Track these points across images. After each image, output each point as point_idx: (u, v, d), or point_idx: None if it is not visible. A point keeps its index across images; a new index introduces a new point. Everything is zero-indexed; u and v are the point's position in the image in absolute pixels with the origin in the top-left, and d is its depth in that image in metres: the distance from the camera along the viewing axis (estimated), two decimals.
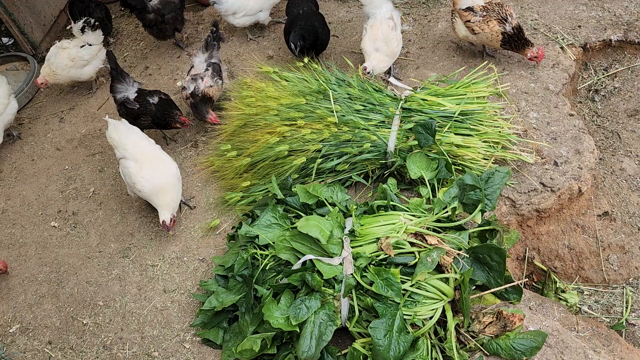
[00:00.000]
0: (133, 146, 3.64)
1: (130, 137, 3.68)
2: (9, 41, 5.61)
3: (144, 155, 3.63)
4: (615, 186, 3.94)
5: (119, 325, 3.34)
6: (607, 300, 3.62)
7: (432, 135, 3.29)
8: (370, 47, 4.05)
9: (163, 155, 3.71)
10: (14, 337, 3.38)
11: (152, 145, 3.73)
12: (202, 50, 4.21)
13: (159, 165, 3.60)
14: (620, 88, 4.49)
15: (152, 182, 3.51)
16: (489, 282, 2.85)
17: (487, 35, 3.97)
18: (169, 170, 3.60)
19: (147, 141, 3.74)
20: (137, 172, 3.55)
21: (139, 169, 3.56)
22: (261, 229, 3.16)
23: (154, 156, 3.66)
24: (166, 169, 3.60)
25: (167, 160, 3.67)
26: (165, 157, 3.69)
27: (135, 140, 3.68)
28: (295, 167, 3.58)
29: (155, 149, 3.72)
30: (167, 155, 3.72)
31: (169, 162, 3.66)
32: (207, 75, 4.10)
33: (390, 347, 2.58)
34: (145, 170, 3.55)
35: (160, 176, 3.54)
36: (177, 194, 3.61)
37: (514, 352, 2.70)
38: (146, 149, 3.68)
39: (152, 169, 3.56)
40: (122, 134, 3.68)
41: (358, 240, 2.93)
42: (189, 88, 4.05)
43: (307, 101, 3.71)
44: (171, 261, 3.58)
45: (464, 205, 3.06)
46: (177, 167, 3.67)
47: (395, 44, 4.09)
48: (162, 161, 3.65)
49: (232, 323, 3.10)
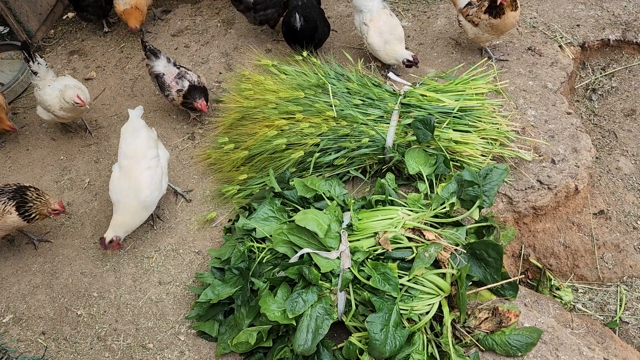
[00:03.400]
0: (126, 152, 3.42)
1: (131, 142, 3.43)
2: (5, 30, 5.54)
3: (130, 168, 3.37)
4: (611, 185, 3.96)
5: (113, 316, 3.32)
6: (602, 298, 3.64)
7: (430, 131, 3.29)
8: (379, 40, 4.04)
9: (149, 177, 3.37)
10: (7, 327, 3.36)
11: (148, 161, 3.41)
12: (152, 58, 4.14)
13: (133, 185, 3.34)
14: (617, 87, 4.51)
15: (116, 196, 3.36)
16: (486, 278, 2.86)
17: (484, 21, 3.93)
18: (138, 196, 3.33)
19: (147, 153, 3.43)
20: (113, 180, 3.40)
21: (117, 178, 3.39)
22: (258, 222, 3.15)
23: (138, 174, 3.36)
24: (138, 192, 3.33)
25: (146, 184, 3.34)
26: (147, 181, 3.35)
27: (134, 148, 3.42)
28: (293, 161, 3.57)
29: (148, 166, 3.40)
30: (155, 179, 3.40)
31: (145, 188, 3.34)
32: (189, 72, 4.11)
33: (387, 342, 2.58)
34: (119, 182, 3.36)
35: (126, 196, 3.33)
36: (135, 220, 3.39)
37: (509, 347, 2.72)
38: (138, 163, 3.38)
39: (126, 184, 3.34)
40: (128, 133, 3.45)
41: (356, 234, 2.92)
42: (183, 87, 4.02)
43: (306, 95, 3.70)
44: (167, 253, 3.57)
45: (462, 201, 3.06)
46: (152, 197, 3.38)
47: (400, 28, 4.09)
48: (140, 183, 3.34)
49: (227, 316, 3.09)
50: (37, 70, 4.04)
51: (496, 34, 4.00)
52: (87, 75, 5.00)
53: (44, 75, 4.09)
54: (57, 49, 5.40)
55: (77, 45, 5.37)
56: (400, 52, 4.02)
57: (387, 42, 4.02)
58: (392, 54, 4.04)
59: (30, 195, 3.39)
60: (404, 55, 4.00)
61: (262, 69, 4.11)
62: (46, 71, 4.11)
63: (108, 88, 4.84)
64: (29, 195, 3.39)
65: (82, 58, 5.21)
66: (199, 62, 4.86)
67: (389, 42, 4.02)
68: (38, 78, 4.07)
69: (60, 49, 5.39)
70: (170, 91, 4.05)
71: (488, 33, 4.00)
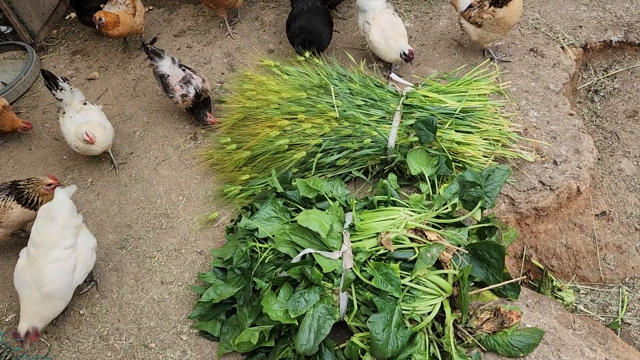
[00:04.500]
0: (34, 240, 3.03)
1: (42, 229, 3.01)
2: (7, 30, 5.56)
3: (36, 257, 2.99)
4: (613, 186, 3.96)
5: (115, 316, 3.32)
6: (603, 299, 3.64)
7: (433, 132, 3.29)
8: (380, 37, 4.05)
9: (56, 269, 2.99)
10: (10, 326, 3.36)
11: (59, 251, 3.02)
12: (156, 59, 4.12)
13: (35, 278, 2.95)
14: (619, 89, 4.51)
15: (19, 287, 3.01)
16: (488, 278, 2.86)
17: (488, 19, 3.92)
18: (41, 290, 2.95)
19: (60, 242, 3.03)
20: (17, 268, 3.06)
21: (21, 267, 3.04)
22: (261, 222, 3.15)
23: (44, 265, 2.97)
24: (40, 285, 2.95)
25: (50, 278, 2.95)
26: (53, 275, 2.96)
27: (44, 237, 3.00)
28: (295, 161, 3.58)
29: (57, 257, 3.00)
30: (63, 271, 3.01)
31: (50, 282, 2.95)
32: (194, 75, 4.11)
33: (389, 342, 2.59)
34: (22, 271, 3.02)
35: (28, 287, 2.96)
36: (47, 310, 3.01)
37: (511, 348, 2.72)
38: (46, 253, 2.99)
39: (29, 275, 2.97)
40: (41, 219, 3.04)
41: (358, 234, 2.93)
42: (188, 92, 4.04)
43: (308, 95, 3.70)
44: (169, 253, 3.57)
45: (464, 202, 3.06)
46: (58, 291, 2.99)
47: (402, 26, 4.10)
48: (44, 276, 2.95)
49: (229, 315, 3.09)
50: (61, 97, 3.78)
51: (502, 30, 3.95)
52: (90, 76, 5.01)
53: (70, 99, 3.82)
54: (60, 49, 5.41)
55: (80, 45, 5.39)
56: (401, 44, 4.01)
57: (388, 38, 4.03)
58: (393, 45, 4.02)
59: (21, 184, 3.46)
60: (402, 48, 4.00)
61: (264, 70, 4.12)
62: (71, 95, 3.81)
63: (110, 88, 4.85)
64: (21, 184, 3.45)
65: (84, 58, 5.22)
66: (202, 62, 4.87)
67: (390, 37, 4.02)
68: (64, 103, 3.83)
69: (63, 49, 5.40)
70: (174, 94, 4.06)
71: (493, 32, 3.97)
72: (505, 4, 3.80)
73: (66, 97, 3.79)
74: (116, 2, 4.71)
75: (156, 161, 4.14)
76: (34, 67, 5.06)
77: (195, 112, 4.13)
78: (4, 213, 3.37)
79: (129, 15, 4.69)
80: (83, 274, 3.18)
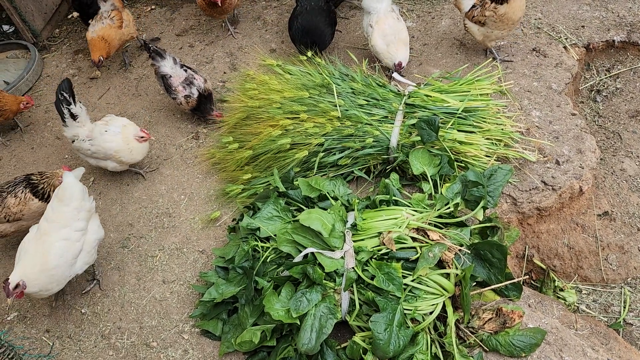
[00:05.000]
0: (49, 215, 3.09)
1: (58, 208, 3.09)
2: (10, 29, 5.57)
3: (47, 232, 3.04)
4: (615, 186, 3.95)
5: (117, 314, 3.33)
6: (605, 299, 3.63)
7: (435, 132, 3.29)
8: (382, 43, 4.04)
9: (63, 247, 3.02)
10: (11, 324, 3.37)
11: (69, 231, 3.06)
12: (158, 59, 4.11)
13: (40, 251, 2.99)
14: (622, 89, 4.50)
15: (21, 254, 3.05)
16: (490, 278, 2.85)
17: (491, 16, 3.92)
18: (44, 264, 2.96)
19: (73, 223, 3.09)
20: (27, 237, 3.11)
21: (29, 239, 3.08)
22: (262, 221, 3.15)
23: (52, 241, 3.01)
24: (42, 261, 2.97)
25: (54, 255, 2.98)
26: (58, 252, 2.99)
27: (61, 212, 3.08)
28: (297, 161, 3.58)
29: (66, 236, 3.05)
30: (68, 253, 3.03)
31: (53, 258, 2.97)
32: (196, 76, 4.12)
33: (390, 341, 2.59)
34: (28, 243, 3.06)
35: (35, 254, 2.99)
36: (38, 281, 2.97)
37: (513, 348, 2.71)
38: (57, 230, 3.04)
39: (33, 247, 3.02)
40: (57, 198, 3.11)
41: (360, 234, 2.93)
42: (191, 93, 4.05)
43: (311, 95, 3.70)
44: (171, 252, 3.57)
45: (466, 202, 3.06)
46: (57, 271, 3.00)
47: (405, 32, 4.10)
48: (49, 251, 2.98)
49: (231, 315, 3.09)
50: (77, 112, 3.69)
51: (505, 27, 3.94)
52: (92, 75, 5.02)
53: (84, 119, 3.75)
54: (62, 48, 5.42)
55: (82, 44, 5.39)
56: (399, 54, 4.01)
57: (390, 44, 4.02)
58: (394, 52, 4.03)
59: (35, 178, 3.48)
60: (397, 58, 3.99)
61: (266, 69, 4.12)
62: (83, 112, 3.74)
63: (112, 87, 4.86)
64: (34, 179, 3.48)
65: (87, 57, 5.23)
66: (204, 61, 4.87)
67: (392, 43, 4.02)
68: (77, 123, 3.71)
69: (65, 48, 5.41)
70: (177, 95, 4.07)
71: (497, 29, 3.95)
72: (506, 1, 3.81)
73: (82, 115, 3.71)
74: (101, 17, 4.59)
75: (158, 160, 4.15)
76: (36, 66, 5.07)
77: (201, 108, 4.14)
78: (25, 205, 3.40)
79: (114, 28, 4.57)
80: (83, 263, 3.17)
